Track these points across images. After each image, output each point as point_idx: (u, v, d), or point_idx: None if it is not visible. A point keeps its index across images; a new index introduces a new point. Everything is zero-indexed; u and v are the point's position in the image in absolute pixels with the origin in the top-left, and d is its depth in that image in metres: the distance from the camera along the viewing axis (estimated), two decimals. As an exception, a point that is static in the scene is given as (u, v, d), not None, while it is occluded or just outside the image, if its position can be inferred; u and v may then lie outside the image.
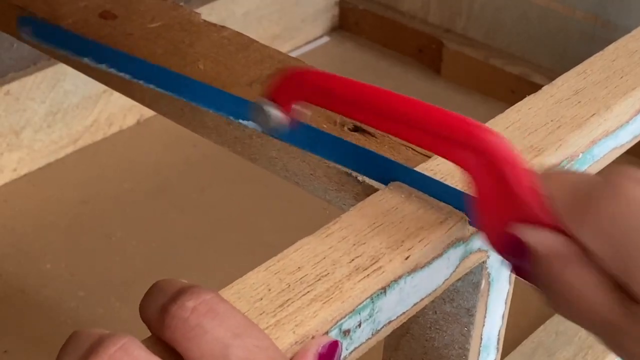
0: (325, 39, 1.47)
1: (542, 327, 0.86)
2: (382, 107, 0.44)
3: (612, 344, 0.37)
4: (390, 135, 0.54)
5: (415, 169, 0.49)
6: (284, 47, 1.37)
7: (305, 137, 0.52)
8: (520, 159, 0.40)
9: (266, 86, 0.49)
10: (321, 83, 0.46)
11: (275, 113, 0.48)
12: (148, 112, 1.23)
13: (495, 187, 0.40)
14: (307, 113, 0.49)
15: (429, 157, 0.50)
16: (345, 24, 1.49)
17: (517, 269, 0.40)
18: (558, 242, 0.38)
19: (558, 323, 0.86)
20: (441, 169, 0.48)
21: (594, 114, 0.53)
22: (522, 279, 0.40)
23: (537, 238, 0.39)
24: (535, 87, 0.56)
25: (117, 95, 1.00)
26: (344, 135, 0.54)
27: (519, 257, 0.39)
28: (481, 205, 0.41)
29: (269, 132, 0.50)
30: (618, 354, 0.37)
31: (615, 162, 0.57)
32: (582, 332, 0.83)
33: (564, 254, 0.38)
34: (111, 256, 1.04)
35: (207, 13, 1.25)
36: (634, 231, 0.36)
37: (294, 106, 0.48)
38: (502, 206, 0.40)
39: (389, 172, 0.49)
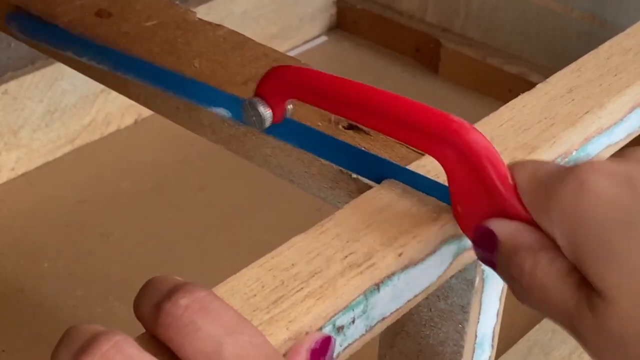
0: (323, 38, 1.47)
1: (537, 325, 0.87)
2: (362, 102, 0.45)
3: (572, 332, 0.38)
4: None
5: (408, 167, 0.49)
6: (282, 47, 1.37)
7: (297, 134, 0.53)
8: (495, 152, 0.41)
9: (256, 84, 0.50)
10: (305, 80, 0.47)
11: (265, 110, 0.49)
12: (145, 112, 1.24)
13: (470, 179, 0.42)
14: (291, 109, 0.50)
15: (423, 154, 0.51)
16: (343, 24, 1.49)
17: (487, 260, 0.42)
18: (522, 231, 0.39)
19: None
20: (435, 166, 0.48)
21: (587, 112, 0.53)
22: (493, 270, 0.42)
23: (501, 227, 0.40)
24: (532, 87, 0.56)
25: (114, 94, 1.01)
26: (338, 134, 0.54)
27: (488, 248, 0.41)
28: (457, 197, 0.43)
29: (259, 129, 0.51)
30: (578, 342, 0.38)
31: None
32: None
33: (527, 243, 0.39)
34: (109, 255, 1.04)
35: (205, 12, 1.25)
36: (588, 222, 0.37)
37: (284, 103, 0.49)
38: (477, 198, 0.42)
39: (381, 171, 0.49)
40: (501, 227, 0.40)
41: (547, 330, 0.86)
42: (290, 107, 0.50)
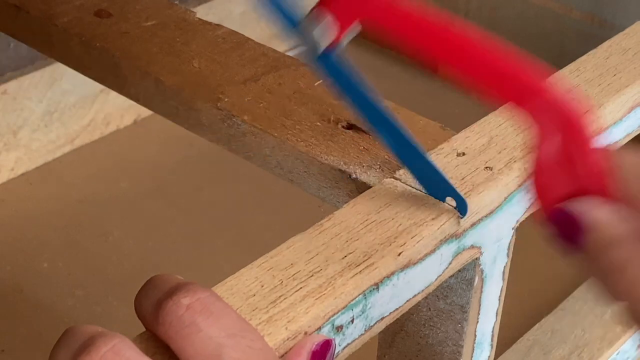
0: (323, 38, 1.47)
1: (537, 325, 0.86)
2: (456, 43, 0.40)
3: None
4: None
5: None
6: (281, 47, 1.37)
7: (337, 72, 0.44)
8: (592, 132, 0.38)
9: None
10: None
11: (324, 27, 0.41)
12: (145, 112, 1.23)
13: (562, 149, 0.37)
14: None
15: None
16: (343, 24, 1.49)
17: (566, 242, 0.36)
18: (618, 216, 0.35)
19: (553, 321, 0.86)
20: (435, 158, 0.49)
21: (586, 111, 0.53)
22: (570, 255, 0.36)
23: (593, 210, 0.35)
24: (530, 86, 0.56)
25: (114, 94, 1.00)
26: (338, 133, 0.54)
27: (571, 235, 0.36)
28: (542, 165, 0.38)
29: (311, 52, 0.43)
30: None
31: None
32: (578, 331, 0.83)
33: (626, 231, 0.34)
34: (108, 255, 1.04)
35: (204, 12, 1.25)
36: None
37: (350, 24, 0.42)
38: (564, 171, 0.37)
39: (400, 144, 0.46)
40: (592, 210, 0.35)
41: (546, 329, 0.86)
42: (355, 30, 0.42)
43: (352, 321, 0.42)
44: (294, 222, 1.04)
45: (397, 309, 0.44)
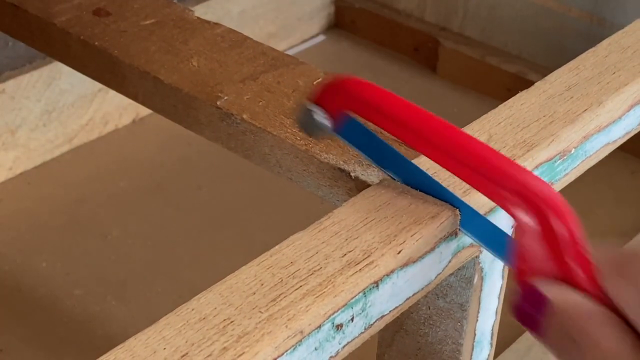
0: (321, 37, 1.47)
1: (537, 324, 0.86)
2: (430, 134, 0.43)
3: None
4: (383, 132, 0.53)
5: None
6: (280, 46, 1.37)
7: (352, 135, 0.49)
8: (575, 220, 0.39)
9: (312, 90, 0.48)
10: (368, 96, 0.45)
11: (320, 117, 0.47)
12: (143, 111, 1.23)
13: (541, 240, 0.39)
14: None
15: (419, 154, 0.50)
16: (341, 23, 1.49)
17: (527, 318, 0.38)
18: (583, 302, 0.36)
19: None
20: (433, 165, 0.48)
21: (586, 110, 0.53)
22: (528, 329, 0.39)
23: (561, 295, 0.37)
24: (531, 85, 0.56)
25: (112, 94, 1.01)
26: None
27: (535, 308, 0.37)
28: (521, 251, 0.40)
29: (312, 134, 0.48)
30: None
31: (607, 158, 0.57)
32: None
33: (593, 313, 0.36)
34: (107, 255, 1.04)
35: (203, 12, 1.25)
36: None
37: (340, 114, 0.47)
38: (541, 259, 0.39)
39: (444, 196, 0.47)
40: (562, 295, 0.37)
41: (545, 328, 0.86)
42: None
43: (352, 319, 0.42)
44: (293, 221, 1.05)
45: (396, 307, 0.44)
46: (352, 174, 0.51)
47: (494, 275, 0.52)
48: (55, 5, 0.67)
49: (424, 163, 0.48)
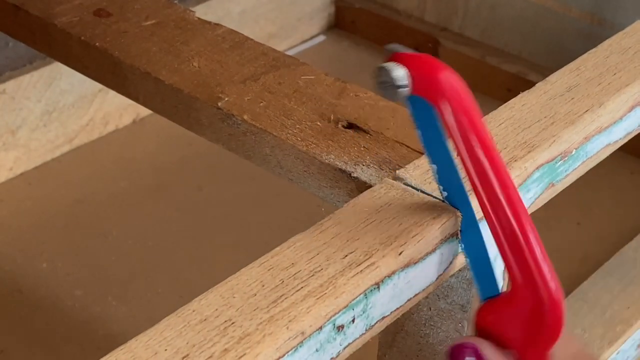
0: (322, 37, 1.47)
1: (537, 324, 0.86)
2: (487, 180, 0.43)
3: None
4: (384, 133, 0.54)
5: (406, 167, 0.49)
6: (280, 46, 1.37)
7: (421, 112, 0.45)
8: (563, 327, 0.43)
9: (404, 55, 0.43)
10: (463, 95, 0.43)
11: (401, 74, 0.43)
12: (144, 111, 1.23)
13: (522, 314, 0.44)
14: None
15: (422, 154, 0.50)
16: (342, 23, 1.49)
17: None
18: None
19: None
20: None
21: (587, 110, 0.53)
22: None
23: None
24: (531, 86, 0.56)
25: (113, 94, 1.00)
26: (338, 132, 0.54)
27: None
28: (499, 303, 0.45)
29: (386, 92, 0.44)
30: None
31: (607, 158, 0.57)
32: (578, 330, 0.83)
33: None
34: (107, 255, 1.04)
35: (203, 12, 1.25)
36: None
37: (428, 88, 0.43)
38: (510, 324, 0.44)
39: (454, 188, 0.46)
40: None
41: (546, 329, 0.86)
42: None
43: (353, 321, 0.42)
44: (294, 222, 1.05)
45: (397, 309, 0.44)
46: (353, 175, 0.51)
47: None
48: (56, 6, 0.67)
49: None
